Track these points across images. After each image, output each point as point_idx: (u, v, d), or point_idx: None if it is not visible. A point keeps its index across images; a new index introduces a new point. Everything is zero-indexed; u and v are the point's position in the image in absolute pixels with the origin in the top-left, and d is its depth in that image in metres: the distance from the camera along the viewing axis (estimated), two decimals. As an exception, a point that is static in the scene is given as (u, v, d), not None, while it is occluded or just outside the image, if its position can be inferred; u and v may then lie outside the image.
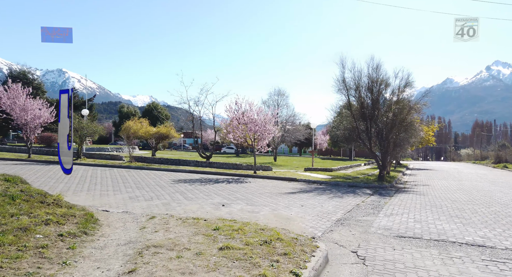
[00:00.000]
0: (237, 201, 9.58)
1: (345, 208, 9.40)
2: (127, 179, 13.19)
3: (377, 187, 15.16)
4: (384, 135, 18.24)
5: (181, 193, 10.47)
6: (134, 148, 46.74)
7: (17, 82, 20.42)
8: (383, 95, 18.63)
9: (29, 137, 19.87)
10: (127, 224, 5.62)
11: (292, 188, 13.27)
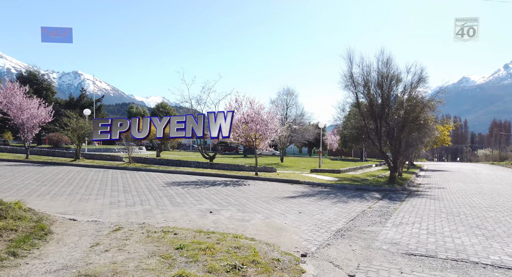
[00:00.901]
0: (229, 206, 8.67)
1: (348, 215, 8.37)
2: (118, 181, 12.45)
3: (387, 190, 14.03)
4: (395, 134, 17.05)
5: (169, 197, 9.62)
6: (142, 148, 46.47)
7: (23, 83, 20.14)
8: (394, 91, 17.44)
9: (26, 138, 19.44)
10: (83, 238, 4.78)
11: (293, 191, 12.28)
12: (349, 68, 16.85)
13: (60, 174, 13.91)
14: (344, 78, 16.79)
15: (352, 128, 17.56)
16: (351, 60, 16.83)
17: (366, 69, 16.89)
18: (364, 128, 17.19)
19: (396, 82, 17.29)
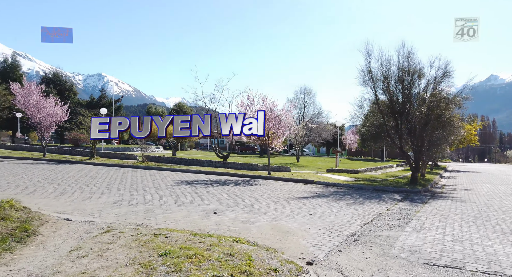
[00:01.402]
0: (235, 207, 8.19)
1: (364, 218, 7.70)
2: (127, 180, 12.23)
3: (408, 192, 13.16)
4: (417, 132, 16.08)
5: (175, 196, 9.25)
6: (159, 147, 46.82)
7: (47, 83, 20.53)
8: (415, 87, 16.46)
9: (43, 136, 19.74)
10: (67, 241, 4.41)
11: (306, 191, 11.66)
12: (367, 63, 16.04)
13: (71, 172, 13.88)
14: (362, 74, 16.00)
15: (370, 126, 16.71)
16: (369, 55, 16.01)
17: (386, 64, 16.02)
18: (383, 126, 16.31)
19: (418, 77, 16.31)
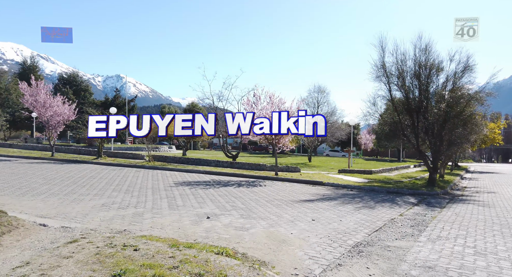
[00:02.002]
0: (232, 211, 7.59)
1: (373, 224, 6.95)
2: (126, 180, 11.82)
3: (425, 194, 12.24)
4: (435, 131, 15.06)
5: (170, 198, 8.73)
6: (171, 147, 46.87)
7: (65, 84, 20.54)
8: (433, 82, 15.42)
9: (51, 135, 19.75)
10: (23, 253, 3.93)
11: (312, 193, 10.94)
12: (381, 57, 15.13)
13: (72, 172, 13.64)
14: (375, 68, 15.10)
15: (384, 124, 15.78)
16: (383, 48, 15.09)
17: (401, 58, 15.06)
18: (398, 124, 15.36)
19: (436, 72, 15.26)
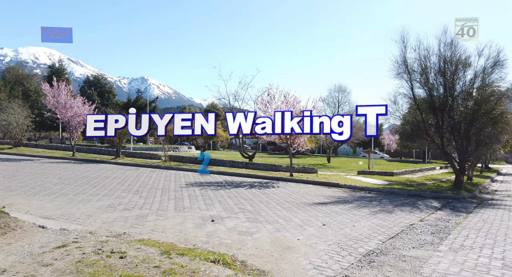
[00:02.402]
0: (239, 214, 7.30)
1: (389, 230, 6.46)
2: (138, 180, 11.79)
3: (450, 198, 11.48)
4: (461, 130, 14.16)
5: (178, 200, 8.56)
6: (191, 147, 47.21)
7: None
8: (460, 79, 14.51)
9: (72, 136, 20.25)
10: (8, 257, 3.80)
11: (327, 196, 10.47)
12: (403, 53, 14.38)
13: (88, 171, 13.82)
14: (396, 65, 14.38)
15: (405, 123, 14.99)
16: (405, 43, 14.34)
17: (424, 53, 14.26)
18: (420, 123, 14.56)
19: (463, 68, 14.36)
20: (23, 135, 24.03)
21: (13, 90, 41.99)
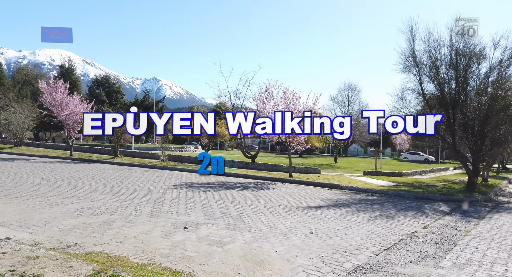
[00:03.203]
0: (219, 219, 6.59)
1: (385, 240, 5.64)
2: (125, 181, 11.16)
3: (461, 201, 10.51)
4: (475, 128, 13.10)
5: (158, 203, 7.90)
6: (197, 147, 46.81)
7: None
8: (473, 72, 13.45)
9: (70, 135, 19.93)
10: None
11: (324, 198, 9.66)
12: (411, 45, 13.41)
13: (78, 171, 13.34)
14: (403, 57, 13.42)
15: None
16: (413, 35, 13.36)
17: (434, 45, 13.22)
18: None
19: (477, 60, 13.29)
20: (24, 135, 23.92)
21: (22, 90, 42.37)
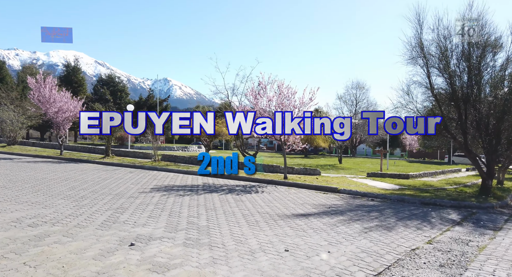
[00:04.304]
0: (181, 232, 5.56)
1: (377, 260, 4.55)
2: (99, 184, 10.13)
3: (474, 207, 9.30)
4: (490, 126, 11.80)
5: (119, 210, 6.92)
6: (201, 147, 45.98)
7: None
8: (488, 64, 12.12)
9: (59, 133, 19.19)
10: None
11: (317, 204, 8.54)
12: (418, 33, 12.15)
13: (54, 172, 12.49)
14: (409, 47, 12.19)
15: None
16: (421, 22, 12.12)
17: (444, 34, 11.94)
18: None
19: (492, 50, 11.97)
20: (18, 133, 23.38)
21: (26, 89, 42.22)
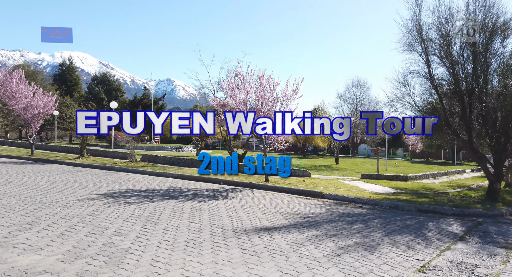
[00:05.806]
0: (80, 260, 4.17)
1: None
2: (37, 189, 8.63)
3: (480, 215, 7.86)
4: (498, 121, 10.33)
5: (26, 225, 5.55)
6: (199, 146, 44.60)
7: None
8: (496, 51, 10.63)
9: (29, 131, 17.86)
10: None
11: (292, 213, 7.10)
12: (416, 17, 10.69)
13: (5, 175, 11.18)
14: (405, 32, 10.75)
15: (419, 111, 11.18)
16: (419, 4, 10.66)
17: (446, 15, 10.47)
18: (440, 112, 10.78)
19: (502, 34, 10.51)
20: (-6, 134, 22.17)
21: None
